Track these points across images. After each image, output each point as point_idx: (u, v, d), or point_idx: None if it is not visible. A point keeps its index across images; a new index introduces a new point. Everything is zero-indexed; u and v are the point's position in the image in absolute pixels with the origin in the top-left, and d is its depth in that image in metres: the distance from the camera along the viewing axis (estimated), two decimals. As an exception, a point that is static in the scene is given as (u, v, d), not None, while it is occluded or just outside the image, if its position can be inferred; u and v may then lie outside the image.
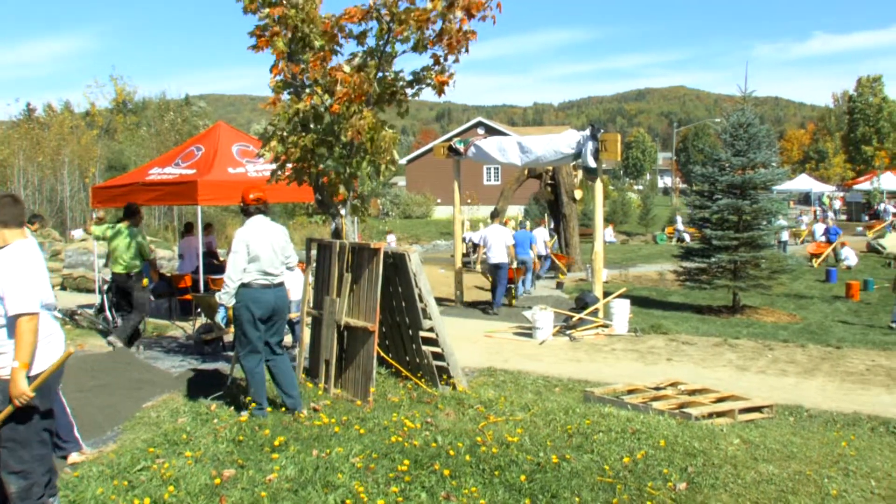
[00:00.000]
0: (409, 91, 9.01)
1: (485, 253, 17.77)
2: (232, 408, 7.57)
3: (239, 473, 5.60)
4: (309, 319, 9.14)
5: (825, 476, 5.88)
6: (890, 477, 5.98)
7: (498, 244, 16.81)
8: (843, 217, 51.45)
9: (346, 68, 8.36)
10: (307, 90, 8.60)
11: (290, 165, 9.00)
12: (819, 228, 33.09)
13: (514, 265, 18.00)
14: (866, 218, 49.18)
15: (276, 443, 6.23)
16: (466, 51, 8.54)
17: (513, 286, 18.16)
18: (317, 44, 8.47)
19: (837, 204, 57.58)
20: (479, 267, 21.68)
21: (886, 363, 11.48)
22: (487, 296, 18.67)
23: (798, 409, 8.94)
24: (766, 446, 6.65)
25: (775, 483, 5.69)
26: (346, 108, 8.31)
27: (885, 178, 56.01)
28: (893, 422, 8.41)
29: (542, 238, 22.80)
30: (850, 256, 29.87)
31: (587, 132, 14.70)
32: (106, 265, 13.38)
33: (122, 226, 11.64)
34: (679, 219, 41.15)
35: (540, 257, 22.04)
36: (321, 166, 8.87)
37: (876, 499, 5.51)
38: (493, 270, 17.06)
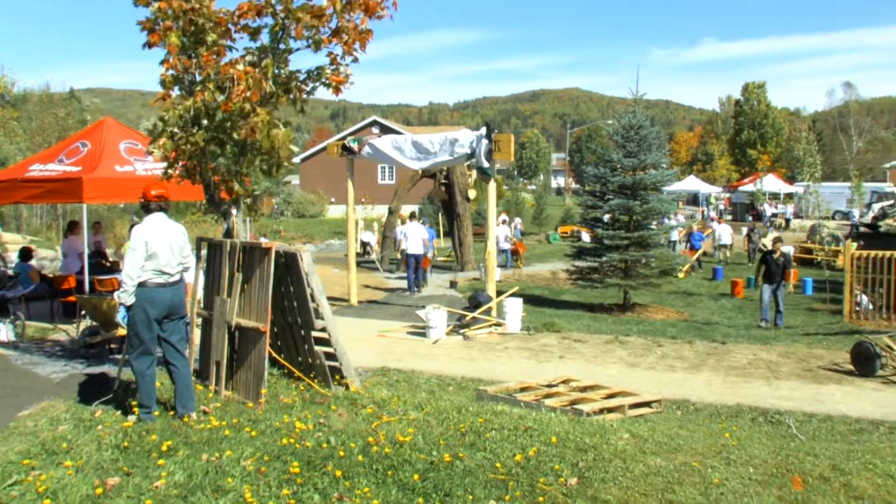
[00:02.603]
0: (304, 89, 8.90)
1: (405, 245, 21.10)
2: (119, 412, 7.29)
3: (124, 481, 5.39)
4: (199, 320, 8.94)
5: (709, 466, 6.10)
6: (766, 463, 6.25)
7: (415, 238, 20.32)
8: (730, 217, 53.53)
9: (241, 65, 8.20)
10: (199, 86, 8.38)
11: (180, 164, 8.77)
12: (722, 228, 34.26)
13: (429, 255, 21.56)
14: (750, 218, 51.41)
15: (165, 448, 6.03)
16: (363, 49, 8.49)
17: (426, 272, 21.68)
18: (210, 39, 8.26)
19: (723, 205, 59.84)
20: (399, 255, 24.66)
21: (766, 357, 12.01)
22: (381, 295, 19.60)
23: (685, 403, 9.28)
24: (654, 440, 6.85)
25: (662, 475, 5.86)
26: (240, 105, 8.15)
27: (768, 181, 58.72)
28: (771, 412, 8.86)
29: (419, 236, 23.28)
30: (723, 234, 31.14)
31: (481, 132, 14.84)
32: None
33: None
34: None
35: (414, 257, 22.96)
36: (213, 164, 8.68)
37: (753, 484, 5.76)
38: (409, 258, 20.42)
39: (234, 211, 9.09)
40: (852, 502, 5.52)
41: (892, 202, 50.70)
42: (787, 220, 47.24)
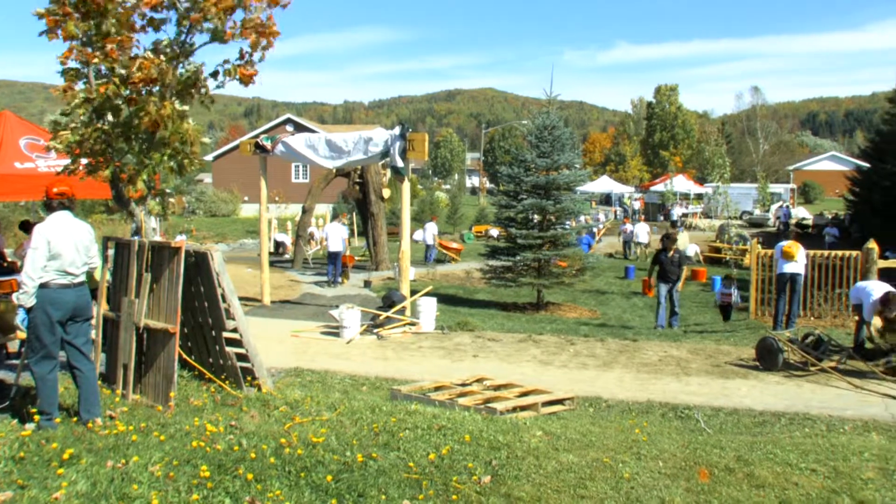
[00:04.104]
0: (211, 83, 8.71)
1: (327, 243, 23.01)
2: (16, 421, 6.92)
3: (18, 495, 5.08)
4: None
5: (620, 461, 6.21)
6: (675, 457, 6.41)
7: (335, 236, 22.17)
8: (643, 217, 54.70)
9: (149, 55, 7.98)
10: (103, 79, 8.13)
11: (84, 160, 8.48)
12: (640, 227, 35.05)
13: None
14: (661, 218, 52.76)
15: (66, 456, 5.74)
16: (270, 45, 8.37)
17: (346, 268, 23.40)
18: (113, 30, 8.01)
19: (637, 205, 61.06)
20: (322, 252, 26.78)
21: (676, 354, 12.29)
22: (295, 295, 19.51)
23: (597, 400, 9.44)
24: (566, 437, 6.94)
25: (575, 471, 5.95)
26: (146, 97, 7.93)
27: (678, 181, 60.24)
28: (681, 407, 9.09)
29: (339, 235, 23.41)
30: (640, 233, 31.97)
31: (395, 131, 14.81)
32: None
33: None
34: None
35: (335, 255, 23.77)
36: (119, 161, 8.42)
37: (663, 477, 5.90)
38: (331, 256, 22.23)
39: (141, 209, 8.86)
40: (754, 490, 5.71)
41: (780, 203, 52.87)
42: (674, 222, 47.73)
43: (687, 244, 32.42)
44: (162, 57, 8.11)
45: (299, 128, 55.14)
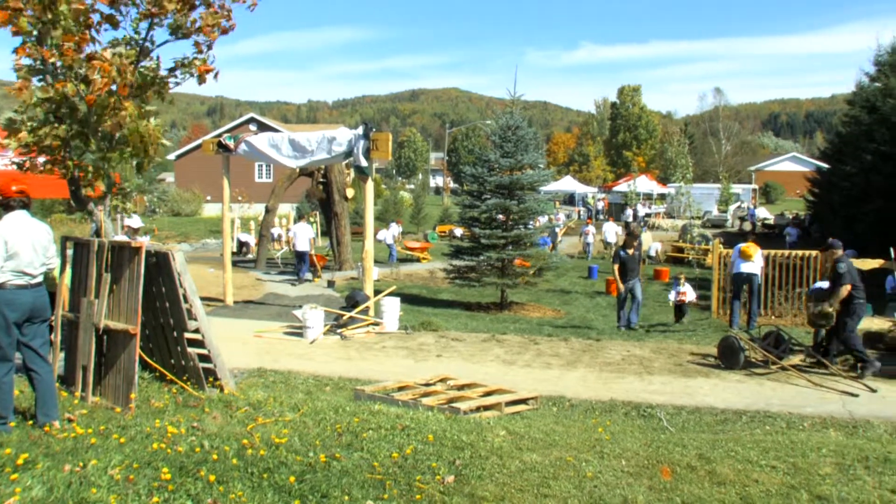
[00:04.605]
0: (171, 81, 8.62)
1: (295, 242, 23.53)
2: (-33, 427, 6.82)
3: None
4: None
5: (583, 460, 6.25)
6: (638, 455, 6.46)
7: (302, 236, 22.77)
8: (607, 217, 55.07)
9: (108, 54, 7.86)
10: (60, 77, 8.00)
11: (41, 159, 8.34)
12: (608, 227, 35.36)
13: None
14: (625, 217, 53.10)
15: (21, 461, 5.57)
16: (224, 32, 8.31)
17: (315, 268, 23.80)
18: (70, 27, 7.88)
19: (602, 205, 61.48)
20: (290, 252, 27.22)
21: (639, 353, 12.39)
22: (257, 295, 19.23)
23: (561, 400, 9.48)
24: (530, 436, 6.96)
25: (538, 470, 5.96)
26: (105, 98, 7.82)
27: (641, 181, 60.77)
28: (644, 406, 9.17)
29: (306, 235, 23.51)
30: (608, 233, 32.33)
31: (359, 131, 14.77)
32: None
33: None
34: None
35: (302, 253, 24.08)
36: (76, 160, 8.30)
37: (625, 476, 5.95)
38: (299, 254, 22.81)
39: (101, 208, 8.74)
40: (716, 488, 5.77)
41: (738, 203, 53.61)
42: (627, 223, 47.59)
43: (650, 243, 32.85)
44: (122, 54, 8.00)
45: (263, 127, 54.75)
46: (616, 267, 16.00)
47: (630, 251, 15.96)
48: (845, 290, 10.91)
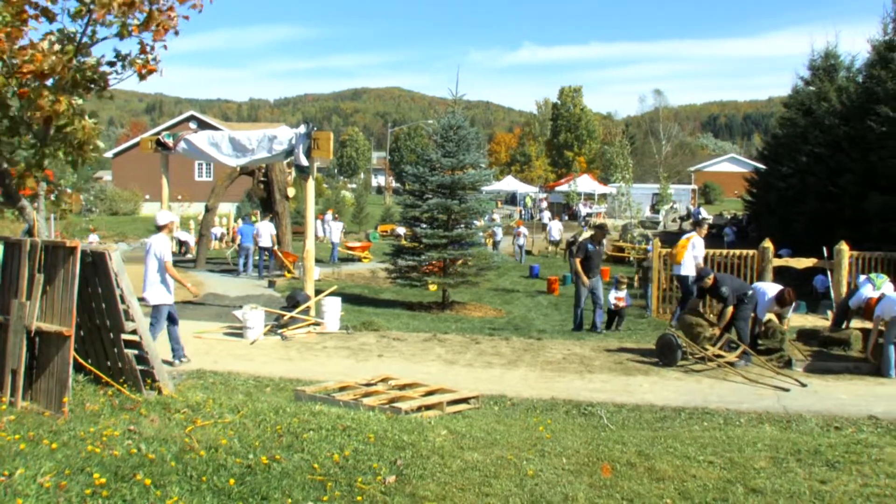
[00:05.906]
0: (111, 78, 8.43)
1: (258, 238, 24.82)
2: None
3: None
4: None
5: (524, 459, 6.28)
6: (578, 453, 6.52)
7: (265, 234, 24.35)
8: (548, 216, 55.48)
9: (44, 45, 7.65)
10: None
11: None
12: (553, 225, 35.61)
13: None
14: (566, 217, 53.75)
15: None
16: (176, 33, 8.17)
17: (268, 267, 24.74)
18: (2, 17, 7.66)
19: (544, 204, 61.90)
20: (235, 249, 28.01)
21: (580, 351, 12.51)
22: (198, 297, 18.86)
23: (502, 399, 9.53)
24: (471, 435, 6.98)
25: (479, 469, 5.98)
26: (38, 90, 7.62)
27: (582, 181, 61.38)
28: (584, 404, 9.27)
29: (268, 232, 24.34)
30: (553, 230, 32.64)
31: (300, 130, 14.68)
32: None
33: None
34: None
35: (265, 249, 25.01)
36: (8, 156, 8.08)
37: (566, 474, 5.99)
38: (262, 251, 24.64)
39: (34, 207, 8.52)
40: (655, 483, 5.85)
41: (671, 205, 54.52)
42: (545, 225, 45.85)
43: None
44: (56, 48, 7.80)
45: (203, 125, 54.01)
46: (579, 260, 15.11)
47: (598, 246, 15.36)
48: (730, 311, 11.88)
